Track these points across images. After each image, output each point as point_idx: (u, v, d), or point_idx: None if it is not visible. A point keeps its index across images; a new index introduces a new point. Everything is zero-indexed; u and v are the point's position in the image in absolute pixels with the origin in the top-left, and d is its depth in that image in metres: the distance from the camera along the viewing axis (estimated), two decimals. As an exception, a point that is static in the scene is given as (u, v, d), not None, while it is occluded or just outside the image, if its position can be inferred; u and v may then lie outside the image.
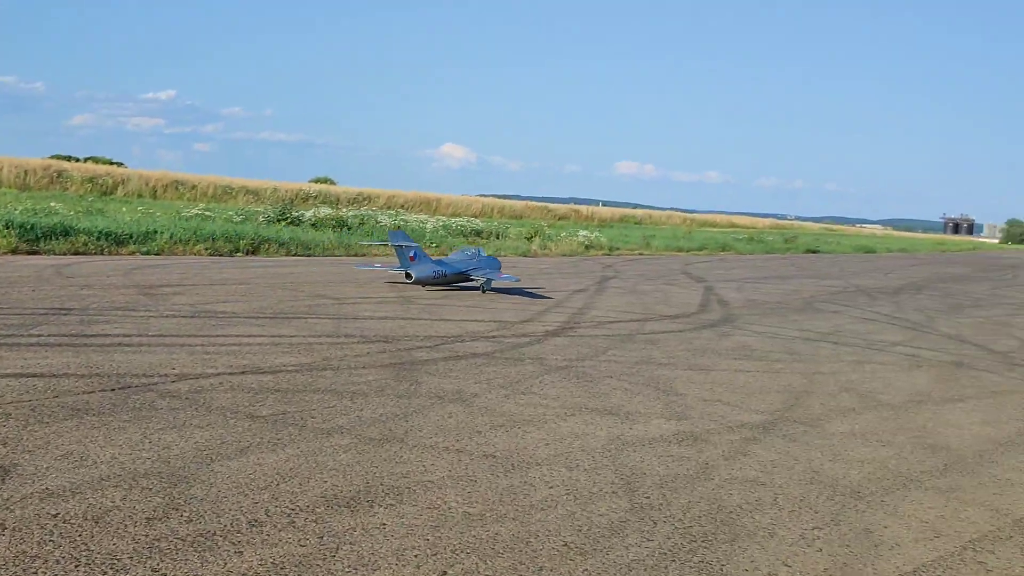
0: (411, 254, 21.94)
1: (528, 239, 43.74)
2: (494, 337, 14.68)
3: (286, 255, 29.64)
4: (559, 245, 42.60)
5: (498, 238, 43.42)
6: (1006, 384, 13.86)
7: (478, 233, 43.52)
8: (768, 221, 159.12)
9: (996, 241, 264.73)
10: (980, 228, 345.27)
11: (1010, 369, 15.42)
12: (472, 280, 22.32)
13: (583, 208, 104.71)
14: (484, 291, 21.69)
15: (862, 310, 23.77)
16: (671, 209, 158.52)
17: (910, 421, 10.74)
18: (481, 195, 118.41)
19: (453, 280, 22.31)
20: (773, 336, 17.29)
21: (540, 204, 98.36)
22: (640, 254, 46.03)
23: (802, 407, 11.04)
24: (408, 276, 21.72)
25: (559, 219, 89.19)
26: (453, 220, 47.27)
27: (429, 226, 41.50)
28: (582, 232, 47.68)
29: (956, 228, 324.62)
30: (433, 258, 23.36)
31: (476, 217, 68.11)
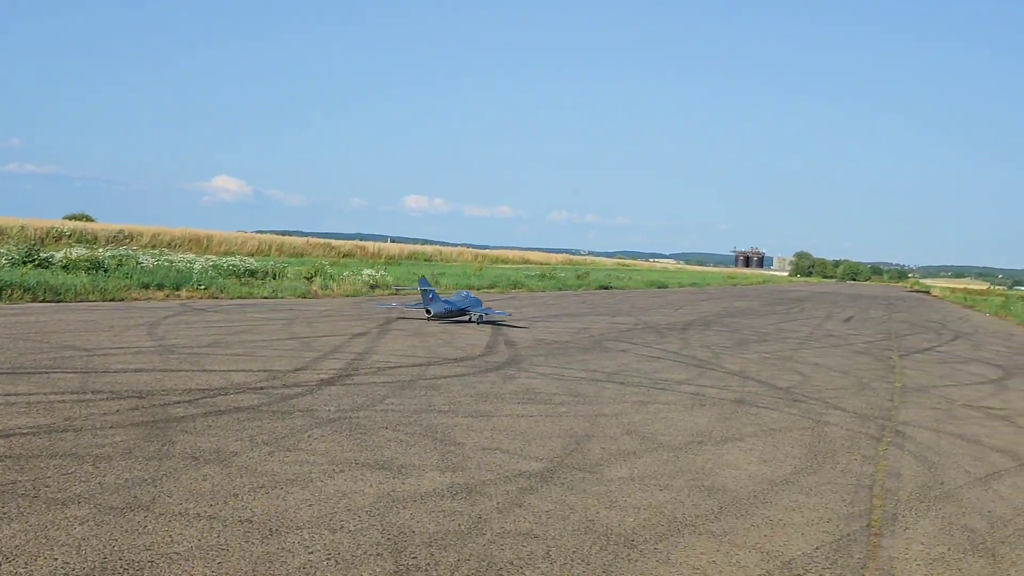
0: (430, 296, 29.15)
1: (308, 279, 43.18)
2: (262, 388, 14.37)
3: (32, 301, 28.06)
4: (342, 285, 42.24)
5: (275, 278, 42.63)
6: (785, 421, 14.69)
7: (252, 273, 42.52)
8: (561, 257, 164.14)
9: (786, 274, 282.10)
10: (770, 261, 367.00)
11: (790, 405, 16.36)
12: (467, 315, 29.50)
13: (370, 245, 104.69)
14: (479, 323, 28.85)
15: (650, 348, 24.70)
16: (463, 245, 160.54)
17: (689, 463, 11.20)
18: (258, 231, 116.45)
19: (456, 315, 29.47)
20: (559, 377, 17.71)
21: (323, 241, 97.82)
22: (428, 293, 46.24)
23: (582, 452, 11.33)
24: (428, 312, 28.91)
25: (343, 257, 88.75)
26: (225, 259, 45.98)
27: (197, 267, 40.19)
28: (367, 271, 47.42)
29: (747, 261, 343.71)
30: (442, 298, 30.12)
31: (252, 255, 66.79)
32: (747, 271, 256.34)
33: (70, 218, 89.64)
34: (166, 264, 40.01)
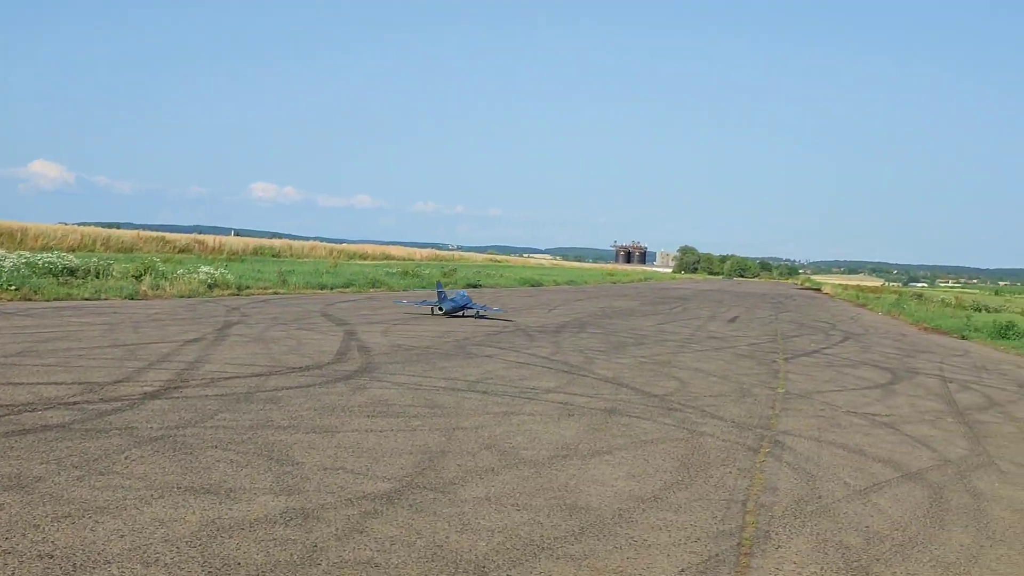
0: (443, 295, 37.85)
1: (136, 278, 42.14)
2: (75, 404, 13.97)
3: None
4: (175, 285, 41.35)
5: (98, 277, 41.44)
6: (658, 432, 15.00)
7: (72, 272, 41.22)
8: (427, 252, 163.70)
9: (669, 270, 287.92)
10: (653, 256, 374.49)
11: (665, 414, 16.71)
12: (468, 310, 38.06)
13: (209, 238, 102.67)
14: (476, 318, 36.88)
15: (518, 353, 24.88)
16: (316, 239, 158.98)
17: (552, 479, 11.35)
18: (81, 223, 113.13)
19: (458, 310, 37.58)
20: (416, 387, 17.71)
21: (156, 234, 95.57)
22: (275, 293, 45.66)
23: (436, 470, 11.36)
24: (441, 309, 37.08)
25: (179, 252, 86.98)
26: (40, 256, 44.51)
27: (7, 264, 38.72)
28: (204, 268, 46.48)
29: (628, 257, 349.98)
30: (448, 297, 38.16)
31: (73, 251, 64.83)
32: (628, 267, 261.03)
33: None
34: (-30, 261, 38.48)
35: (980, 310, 76.57)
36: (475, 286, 70.04)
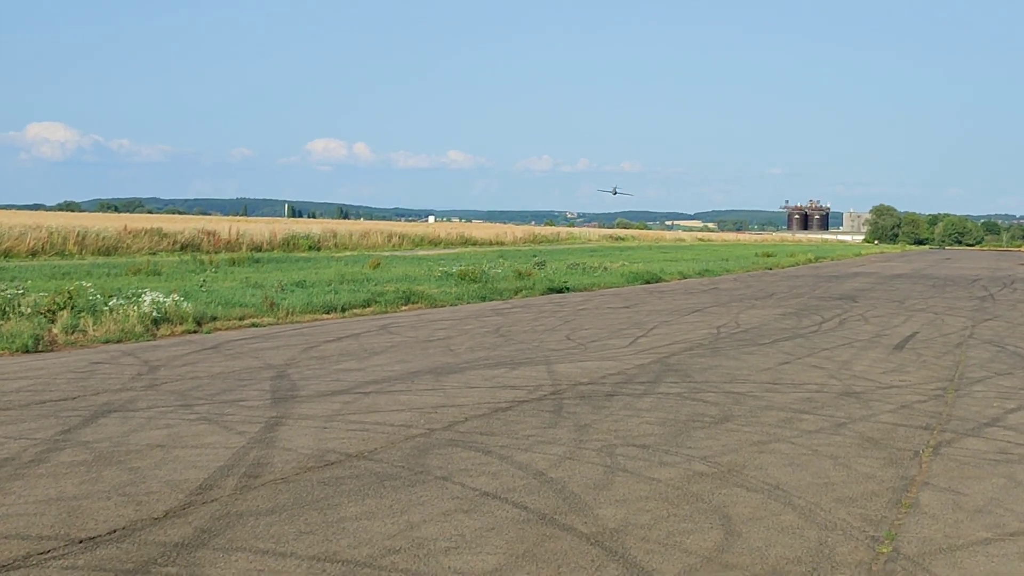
0: None
1: (50, 313, 38.76)
2: None
3: None
4: (104, 323, 37.72)
5: (2, 315, 38.24)
6: None
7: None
8: (523, 230, 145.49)
9: (860, 238, 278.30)
10: (838, 219, 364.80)
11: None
12: None
13: (224, 225, 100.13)
14: None
15: (504, 461, 19.63)
16: (394, 211, 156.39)
17: None
18: (97, 200, 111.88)
19: None
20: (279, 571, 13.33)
21: (151, 226, 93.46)
22: (253, 325, 41.89)
23: None
24: None
25: (181, 249, 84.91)
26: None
27: None
28: (149, 296, 42.36)
29: (805, 222, 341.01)
30: None
31: (34, 255, 62.84)
32: (803, 237, 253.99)
33: None
34: None
35: None
36: (560, 290, 65.08)
